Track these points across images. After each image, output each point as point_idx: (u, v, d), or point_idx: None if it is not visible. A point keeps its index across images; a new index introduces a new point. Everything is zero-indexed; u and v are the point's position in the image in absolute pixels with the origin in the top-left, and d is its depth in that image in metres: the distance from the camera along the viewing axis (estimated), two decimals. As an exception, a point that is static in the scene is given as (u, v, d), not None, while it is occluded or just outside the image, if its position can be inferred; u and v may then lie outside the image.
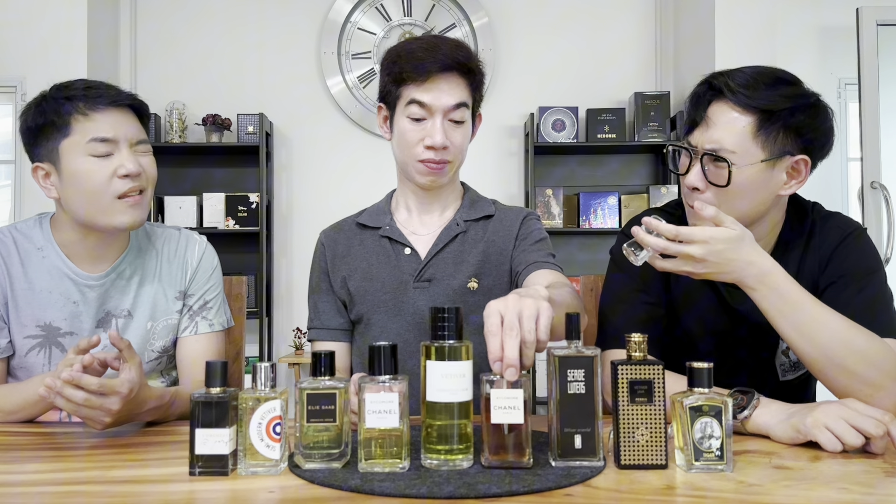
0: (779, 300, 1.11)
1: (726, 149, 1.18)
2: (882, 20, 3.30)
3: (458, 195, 1.52)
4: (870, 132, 3.26)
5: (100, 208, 1.29)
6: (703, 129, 1.22)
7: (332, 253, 1.50)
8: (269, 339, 3.83)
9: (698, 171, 1.22)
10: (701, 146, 1.21)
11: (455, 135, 1.38)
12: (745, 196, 1.21)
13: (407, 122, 1.37)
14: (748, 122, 1.19)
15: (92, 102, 1.29)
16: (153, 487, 0.89)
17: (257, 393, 0.94)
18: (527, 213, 1.51)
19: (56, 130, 1.28)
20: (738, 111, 1.19)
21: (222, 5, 3.94)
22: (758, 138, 1.18)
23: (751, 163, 1.18)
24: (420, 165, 1.39)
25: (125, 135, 1.30)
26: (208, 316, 1.46)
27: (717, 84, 1.22)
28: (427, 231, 1.47)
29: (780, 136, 1.19)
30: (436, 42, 1.37)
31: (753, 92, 1.19)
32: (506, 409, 0.91)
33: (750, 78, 1.21)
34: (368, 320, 1.44)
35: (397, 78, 1.37)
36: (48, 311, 1.35)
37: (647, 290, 1.33)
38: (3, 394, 1.27)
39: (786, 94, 1.20)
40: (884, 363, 1.10)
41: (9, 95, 3.50)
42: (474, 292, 1.42)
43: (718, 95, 1.21)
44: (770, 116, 1.18)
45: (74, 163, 1.28)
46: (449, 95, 1.35)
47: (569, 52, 3.93)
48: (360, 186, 3.80)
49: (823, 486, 0.87)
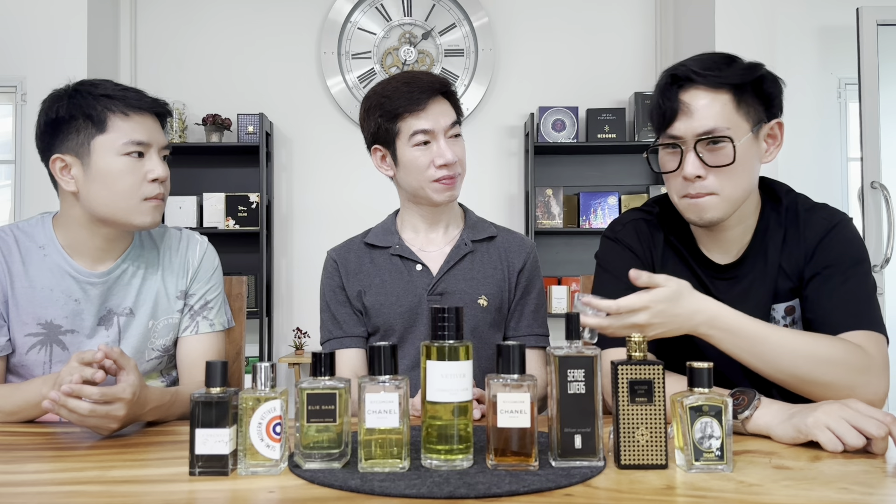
0: (735, 338, 1.13)
1: (720, 127, 1.20)
2: (882, 20, 3.30)
3: (459, 215, 1.61)
4: (870, 132, 3.26)
5: (125, 207, 1.32)
6: (685, 118, 1.22)
7: (345, 270, 1.56)
8: (269, 339, 3.83)
9: (694, 159, 1.22)
10: (690, 134, 1.22)
11: (457, 149, 1.49)
12: (746, 171, 1.24)
13: (415, 151, 1.46)
14: (727, 99, 1.21)
15: (132, 104, 1.32)
16: (153, 487, 0.89)
17: (257, 393, 0.94)
18: (529, 248, 1.59)
19: (91, 125, 1.30)
20: (713, 91, 1.21)
21: (222, 5, 3.94)
22: (740, 111, 1.22)
23: (743, 135, 1.22)
24: (436, 185, 1.47)
25: (157, 140, 1.35)
26: (209, 316, 1.47)
27: (681, 73, 1.24)
28: (435, 248, 1.55)
29: (754, 107, 1.24)
30: (413, 75, 1.49)
31: (719, 72, 1.22)
32: (512, 412, 0.92)
33: (709, 62, 1.24)
34: (385, 332, 1.51)
35: (392, 115, 1.47)
36: (49, 309, 1.35)
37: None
38: (4, 394, 1.27)
39: (745, 67, 1.24)
40: (852, 361, 1.13)
41: (9, 95, 3.50)
42: (484, 309, 1.50)
43: (687, 83, 1.23)
44: (743, 90, 1.22)
45: (107, 160, 1.30)
46: (444, 116, 1.47)
47: (569, 52, 3.93)
48: (360, 186, 3.80)
49: (823, 486, 0.87)
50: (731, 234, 1.31)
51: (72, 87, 1.33)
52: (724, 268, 1.33)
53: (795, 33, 3.82)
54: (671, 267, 1.36)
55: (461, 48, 3.92)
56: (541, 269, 1.61)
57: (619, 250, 1.39)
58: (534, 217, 3.71)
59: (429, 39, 3.93)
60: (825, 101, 3.88)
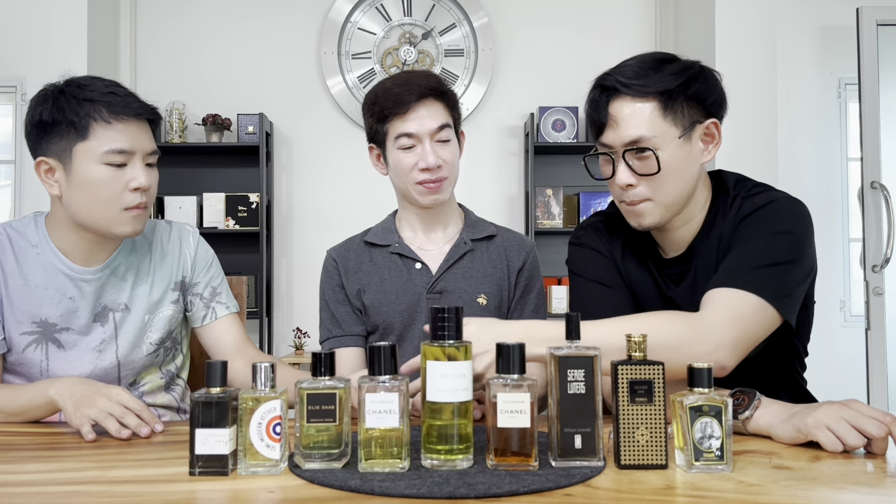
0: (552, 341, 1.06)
1: (645, 137, 1.21)
2: (882, 20, 3.30)
3: (459, 215, 1.61)
4: (870, 132, 3.26)
5: (105, 216, 1.30)
6: (613, 128, 1.24)
7: (344, 268, 1.56)
8: (269, 339, 3.83)
9: (625, 169, 1.24)
10: (618, 144, 1.23)
11: (445, 153, 1.48)
12: (677, 175, 1.24)
13: (400, 153, 1.48)
14: (652, 106, 1.21)
15: (116, 111, 1.28)
16: (153, 487, 0.89)
17: (257, 393, 0.94)
18: (528, 247, 1.59)
19: (73, 131, 1.27)
20: (639, 101, 1.22)
21: (222, 5, 3.94)
22: (667, 118, 1.22)
23: (670, 142, 1.22)
24: (419, 187, 1.48)
25: (141, 147, 1.31)
26: (222, 300, 1.51)
27: (608, 83, 1.24)
28: (434, 247, 1.56)
29: (685, 109, 1.23)
30: (407, 76, 1.50)
31: (645, 80, 1.22)
32: (512, 413, 0.92)
33: (637, 69, 1.23)
34: (384, 331, 1.52)
35: (380, 117, 1.48)
36: (44, 308, 1.35)
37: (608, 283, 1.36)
38: (8, 395, 1.27)
39: (674, 72, 1.23)
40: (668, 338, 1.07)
41: (9, 95, 3.50)
42: (483, 308, 1.51)
43: (614, 93, 1.24)
44: (669, 96, 1.21)
45: (87, 168, 1.28)
46: (431, 119, 1.46)
47: (569, 52, 3.93)
48: (360, 186, 3.80)
49: (823, 486, 0.87)
50: (678, 233, 1.32)
51: (59, 88, 1.30)
52: (671, 262, 1.34)
53: (795, 33, 3.82)
54: (630, 265, 1.38)
55: (461, 48, 3.92)
56: (540, 269, 1.61)
57: (584, 253, 1.42)
58: (534, 217, 3.71)
59: (429, 39, 3.93)
60: (825, 101, 3.88)
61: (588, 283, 1.38)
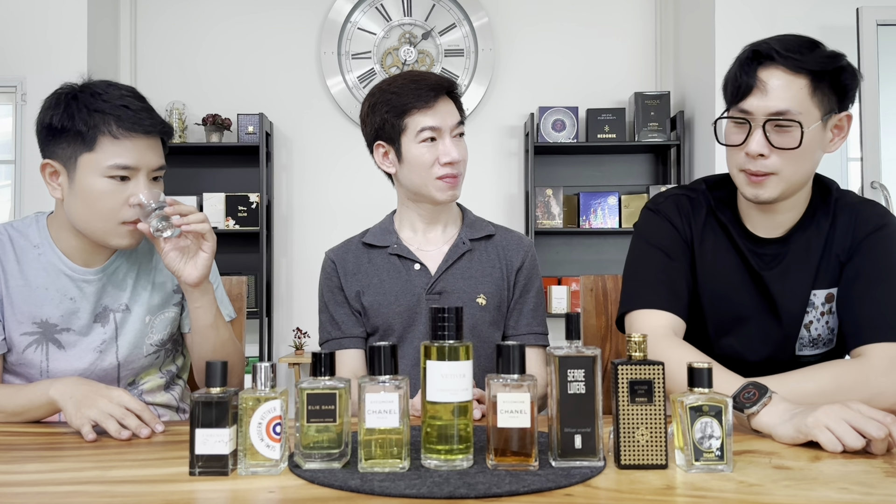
0: None
1: (792, 111, 1.21)
2: (882, 20, 3.30)
3: (457, 215, 1.61)
4: (870, 132, 3.26)
5: (102, 228, 1.31)
6: (760, 95, 1.23)
7: (343, 270, 1.55)
8: (269, 339, 3.83)
9: (761, 138, 1.23)
10: (761, 112, 1.23)
11: (461, 149, 1.50)
12: (809, 157, 1.25)
13: (421, 147, 1.47)
14: (804, 84, 1.22)
15: (125, 126, 1.27)
16: (153, 487, 0.89)
17: (257, 393, 0.94)
18: (527, 246, 1.59)
19: (81, 141, 1.27)
20: (792, 74, 1.22)
21: (222, 5, 3.94)
22: (814, 98, 1.22)
23: (812, 122, 1.22)
24: (439, 182, 1.48)
25: (147, 163, 1.30)
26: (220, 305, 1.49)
27: (764, 50, 1.24)
28: (433, 248, 1.55)
29: (828, 96, 1.24)
30: (420, 74, 1.50)
31: (801, 56, 1.22)
32: (512, 412, 0.92)
33: (795, 43, 1.24)
34: (384, 332, 1.51)
35: (400, 111, 1.46)
36: (44, 308, 1.35)
37: (671, 255, 1.37)
38: (8, 395, 1.26)
39: (828, 55, 1.24)
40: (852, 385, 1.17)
41: (9, 95, 3.50)
42: (483, 308, 1.50)
43: (768, 60, 1.23)
44: (821, 77, 1.22)
45: (89, 179, 1.27)
46: (451, 115, 1.48)
47: (569, 52, 3.93)
48: (360, 186, 3.81)
49: (823, 486, 0.87)
50: (780, 216, 1.33)
51: (73, 93, 1.29)
52: (767, 242, 1.34)
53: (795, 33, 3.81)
54: (712, 242, 1.37)
55: (461, 48, 3.92)
56: (539, 268, 1.61)
57: (658, 220, 1.41)
58: (534, 217, 3.71)
59: (429, 39, 3.93)
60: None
61: (651, 249, 1.37)
